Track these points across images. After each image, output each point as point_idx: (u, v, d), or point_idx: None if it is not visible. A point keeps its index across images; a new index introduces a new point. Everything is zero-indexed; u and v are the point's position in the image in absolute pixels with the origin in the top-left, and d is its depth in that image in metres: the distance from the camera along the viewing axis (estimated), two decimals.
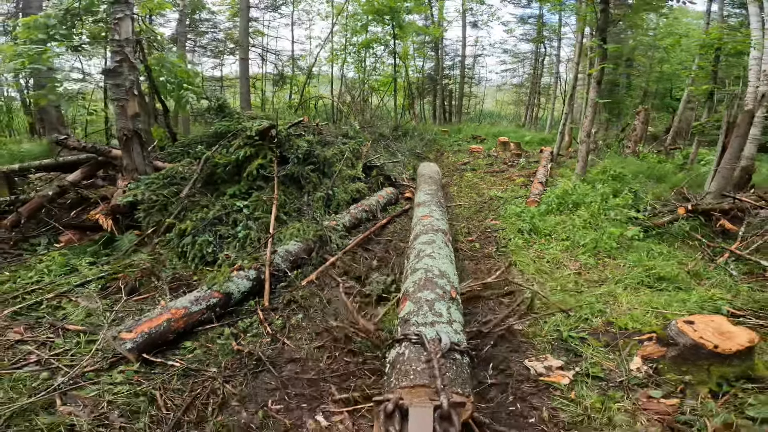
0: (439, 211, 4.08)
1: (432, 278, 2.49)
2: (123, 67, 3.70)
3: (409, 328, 2.04)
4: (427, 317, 2.11)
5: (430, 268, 2.61)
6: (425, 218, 3.70)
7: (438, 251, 2.92)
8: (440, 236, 3.26)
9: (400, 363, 1.82)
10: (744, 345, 1.78)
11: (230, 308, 2.63)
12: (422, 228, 3.45)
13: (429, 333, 1.94)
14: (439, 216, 3.87)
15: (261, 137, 4.13)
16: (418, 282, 2.47)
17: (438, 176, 6.25)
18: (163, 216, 3.53)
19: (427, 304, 2.21)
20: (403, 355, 1.85)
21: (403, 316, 2.22)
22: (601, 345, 2.23)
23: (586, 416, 1.80)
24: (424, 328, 1.99)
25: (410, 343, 1.89)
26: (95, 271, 3.18)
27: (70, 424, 1.77)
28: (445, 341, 1.84)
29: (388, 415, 1.41)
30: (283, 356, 2.30)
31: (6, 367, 2.11)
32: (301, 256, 3.23)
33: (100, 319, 2.62)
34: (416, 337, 1.89)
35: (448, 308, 2.22)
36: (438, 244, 3.05)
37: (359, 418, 1.89)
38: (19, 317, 2.64)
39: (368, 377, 2.14)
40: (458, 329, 2.09)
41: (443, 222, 3.77)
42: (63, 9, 5.28)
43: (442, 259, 2.82)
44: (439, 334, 1.91)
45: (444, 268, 2.67)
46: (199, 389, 2.02)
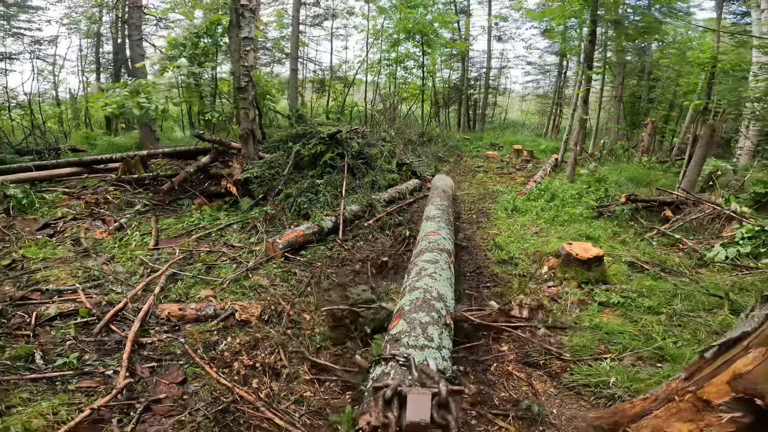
0: (448, 229, 4.10)
1: (429, 300, 2.50)
2: (248, 86, 5.73)
3: (399, 348, 2.06)
4: (418, 340, 2.12)
5: (429, 289, 2.62)
6: (432, 234, 3.73)
7: (440, 272, 2.94)
8: (444, 257, 3.27)
9: (405, 385, 1.77)
10: (593, 255, 3.49)
11: (322, 236, 4.55)
12: (427, 245, 3.47)
13: (418, 357, 1.94)
14: (446, 235, 3.88)
15: (330, 138, 6.07)
16: (415, 302, 2.49)
17: (451, 191, 6.21)
18: (269, 187, 5.50)
19: (420, 327, 2.22)
20: (388, 375, 1.85)
21: (394, 334, 2.23)
22: (530, 261, 3.99)
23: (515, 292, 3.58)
24: (413, 351, 2.01)
25: (397, 364, 1.89)
26: (232, 219, 5.17)
27: (259, 284, 3.63)
28: (432, 367, 1.82)
29: (386, 401, 1.42)
30: (352, 260, 4.17)
31: (213, 261, 4.04)
32: (358, 214, 5.14)
33: (247, 242, 4.58)
34: (404, 359, 1.89)
35: (440, 333, 2.22)
36: (441, 265, 3.07)
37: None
38: (199, 240, 4.62)
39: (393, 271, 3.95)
40: (446, 356, 2.12)
41: (449, 242, 3.79)
42: (193, 32, 7.42)
43: (442, 281, 2.83)
44: (427, 359, 1.92)
45: (443, 291, 2.68)
46: (313, 272, 3.91)
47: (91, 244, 4.23)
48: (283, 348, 2.59)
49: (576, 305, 3.13)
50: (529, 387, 2.41)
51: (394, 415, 1.39)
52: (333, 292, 3.41)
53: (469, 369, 2.57)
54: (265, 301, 3.05)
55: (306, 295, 3.41)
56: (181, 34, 7.45)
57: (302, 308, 3.18)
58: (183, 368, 2.44)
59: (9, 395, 2.09)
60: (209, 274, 3.69)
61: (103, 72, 20.36)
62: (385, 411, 1.40)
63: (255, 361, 2.43)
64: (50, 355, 2.48)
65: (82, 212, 5.35)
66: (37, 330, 2.71)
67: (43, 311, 2.83)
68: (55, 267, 3.63)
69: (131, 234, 4.59)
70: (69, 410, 2.04)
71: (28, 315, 2.81)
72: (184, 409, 2.16)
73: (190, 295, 3.24)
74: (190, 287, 3.36)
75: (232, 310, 2.85)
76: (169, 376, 2.40)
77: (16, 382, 2.20)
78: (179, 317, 2.82)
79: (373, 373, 1.97)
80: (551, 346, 2.63)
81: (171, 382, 2.34)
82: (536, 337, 2.74)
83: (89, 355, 2.49)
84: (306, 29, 20.04)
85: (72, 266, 3.65)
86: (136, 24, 11.31)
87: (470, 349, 2.74)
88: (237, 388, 2.29)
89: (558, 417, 2.19)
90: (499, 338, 2.84)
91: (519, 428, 2.10)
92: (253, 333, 2.71)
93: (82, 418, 1.96)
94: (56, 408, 2.03)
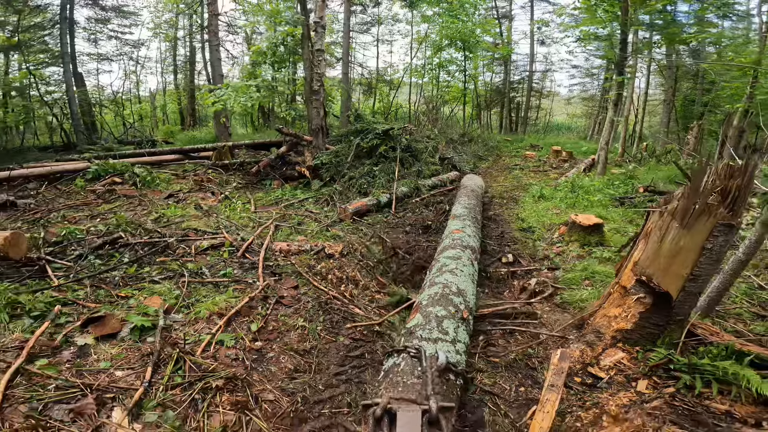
0: (473, 227, 4.16)
1: (448, 294, 2.55)
2: (320, 89, 7.07)
3: (412, 340, 2.10)
4: (432, 333, 2.15)
5: (448, 284, 2.68)
6: (456, 232, 3.81)
7: (462, 268, 2.98)
8: (467, 253, 3.30)
9: (393, 373, 1.89)
10: (594, 222, 4.43)
11: (380, 208, 5.78)
12: (451, 242, 3.54)
13: (429, 349, 1.96)
14: (471, 233, 3.94)
15: (384, 134, 7.29)
16: (433, 296, 2.54)
17: (480, 190, 6.31)
18: (335, 172, 6.80)
19: (435, 320, 2.25)
20: (398, 366, 1.89)
21: (410, 327, 2.28)
22: (545, 229, 4.98)
23: (532, 247, 4.59)
24: (426, 344, 2.04)
25: (408, 355, 1.92)
26: (307, 195, 6.51)
27: (337, 235, 4.90)
28: (441, 360, 1.84)
29: (377, 419, 1.40)
30: (403, 224, 5.34)
31: (301, 220, 5.37)
32: (407, 194, 6.32)
33: (321, 210, 5.88)
34: (415, 351, 1.92)
35: (456, 327, 2.24)
36: (463, 261, 3.11)
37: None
38: (286, 208, 5.98)
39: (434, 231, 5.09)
40: (461, 350, 2.13)
41: (474, 239, 3.84)
42: (273, 42, 8.96)
43: (463, 276, 2.86)
44: (437, 352, 1.94)
45: (463, 287, 2.72)
46: (374, 230, 5.11)
47: (208, 208, 5.70)
48: (359, 269, 3.81)
49: (575, 258, 4.11)
50: (530, 303, 3.46)
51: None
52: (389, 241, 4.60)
53: (489, 292, 3.65)
54: (344, 243, 4.29)
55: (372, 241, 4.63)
56: (264, 45, 9.00)
57: (368, 249, 4.39)
58: (295, 279, 3.71)
59: (195, 293, 3.41)
60: (299, 228, 5.01)
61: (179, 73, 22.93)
62: (375, 430, 1.37)
63: (342, 275, 3.66)
64: (211, 270, 3.82)
65: (192, 187, 6.92)
66: (196, 257, 4.08)
67: (199, 244, 4.21)
68: (192, 220, 5.08)
69: (235, 202, 6.03)
70: (233, 301, 3.33)
71: (188, 247, 4.20)
72: (299, 303, 3.40)
73: (290, 239, 4.54)
74: (288, 235, 4.67)
75: (322, 246, 4.10)
76: (287, 284, 3.66)
77: (195, 286, 3.53)
78: (287, 251, 4.11)
79: (385, 365, 2.02)
80: (549, 280, 3.65)
81: (289, 287, 3.61)
82: (540, 274, 3.77)
83: (236, 271, 3.81)
84: (354, 35, 21.53)
85: (203, 220, 5.09)
86: (214, 31, 13.10)
87: (493, 284, 3.82)
88: (331, 291, 3.52)
89: (548, 321, 3.23)
90: (514, 276, 3.90)
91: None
92: (338, 260, 3.94)
93: (243, 303, 3.21)
94: (226, 300, 3.31)
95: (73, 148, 12.58)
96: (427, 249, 4.14)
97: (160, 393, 2.22)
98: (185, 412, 2.15)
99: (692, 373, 2.33)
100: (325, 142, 7.42)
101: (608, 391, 2.43)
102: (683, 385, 2.31)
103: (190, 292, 3.24)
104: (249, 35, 19.45)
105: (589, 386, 2.49)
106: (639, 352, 2.52)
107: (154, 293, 3.13)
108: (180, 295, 3.13)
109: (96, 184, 6.90)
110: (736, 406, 2.19)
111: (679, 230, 2.04)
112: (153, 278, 3.43)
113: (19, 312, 2.84)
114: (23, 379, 2.19)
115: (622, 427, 2.17)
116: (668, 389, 2.33)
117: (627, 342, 2.52)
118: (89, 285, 3.25)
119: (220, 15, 14.16)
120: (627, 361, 2.54)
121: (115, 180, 6.98)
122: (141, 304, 2.94)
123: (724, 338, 2.57)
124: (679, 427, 2.06)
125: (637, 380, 2.43)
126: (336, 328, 3.04)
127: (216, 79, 13.12)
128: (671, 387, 2.34)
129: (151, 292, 3.16)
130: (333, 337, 2.93)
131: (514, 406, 2.38)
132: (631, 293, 2.48)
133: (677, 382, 2.35)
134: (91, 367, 2.37)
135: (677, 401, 2.25)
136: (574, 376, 2.55)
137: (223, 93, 7.00)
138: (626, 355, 2.54)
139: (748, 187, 1.89)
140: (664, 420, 2.14)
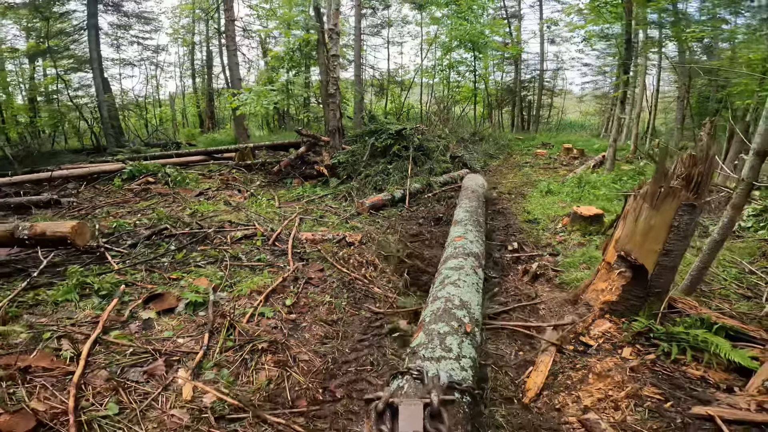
0: (475, 231, 4.13)
1: (450, 309, 2.53)
2: (336, 92, 7.53)
3: (416, 360, 2.10)
4: (435, 351, 2.14)
5: (450, 298, 2.67)
6: (458, 239, 3.78)
7: (464, 278, 2.96)
8: (470, 261, 3.27)
9: (397, 396, 1.83)
10: (594, 213, 4.76)
11: (394, 203, 6.20)
12: (453, 251, 3.51)
13: (432, 369, 1.98)
14: (473, 238, 3.91)
15: (397, 134, 7.70)
16: (436, 312, 2.53)
17: (482, 190, 6.23)
18: (351, 170, 7.24)
19: (438, 338, 2.25)
20: (402, 389, 1.90)
21: (413, 346, 2.27)
22: (549, 220, 5.32)
23: (536, 236, 4.96)
24: (429, 363, 2.04)
25: (411, 377, 1.93)
26: (326, 192, 6.97)
27: (356, 226, 5.34)
28: (443, 379, 1.86)
29: (379, 413, 1.43)
30: (416, 217, 5.75)
31: (322, 214, 5.82)
32: (420, 190, 6.72)
33: (340, 205, 6.33)
34: (417, 372, 1.94)
35: (459, 343, 2.23)
36: (466, 271, 3.09)
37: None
38: (307, 203, 6.45)
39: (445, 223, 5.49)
40: (467, 365, 2.11)
41: (477, 244, 3.82)
42: (290, 48, 9.47)
43: (466, 287, 2.84)
44: (438, 372, 1.95)
45: (466, 298, 2.70)
46: (390, 222, 5.54)
47: (236, 204, 6.19)
48: (377, 255, 4.24)
49: (576, 246, 4.46)
50: (533, 286, 3.84)
51: (387, 427, 1.39)
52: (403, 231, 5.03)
53: (496, 275, 4.04)
54: (362, 233, 4.72)
55: (386, 233, 5.06)
56: (282, 50, 9.52)
57: (384, 239, 4.82)
58: (321, 264, 4.15)
59: (235, 275, 3.86)
60: (321, 220, 5.46)
61: (197, 76, 23.72)
62: (378, 424, 1.39)
63: (362, 260, 4.09)
64: (247, 256, 4.28)
65: (220, 186, 7.44)
66: (232, 245, 4.56)
67: (234, 235, 4.69)
68: (224, 214, 5.57)
69: (260, 199, 6.53)
70: (268, 281, 3.78)
71: (224, 237, 4.69)
72: (325, 283, 3.85)
73: (314, 229, 5.00)
74: (312, 226, 5.13)
75: (343, 236, 4.54)
76: (314, 267, 4.11)
77: (235, 269, 4.00)
78: (312, 239, 4.56)
79: (391, 387, 2.01)
80: (549, 264, 4.02)
81: (315, 270, 4.05)
82: (542, 260, 4.14)
83: (269, 256, 4.27)
84: (365, 38, 21.96)
85: (233, 214, 5.58)
86: (231, 36, 13.67)
87: (498, 269, 4.20)
88: (353, 273, 3.95)
89: (547, 299, 3.60)
90: (518, 261, 4.27)
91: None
92: (358, 247, 4.38)
93: (277, 283, 3.66)
94: (262, 280, 3.76)
95: (103, 151, 13.33)
96: (438, 236, 4.55)
97: (216, 355, 2.68)
98: (237, 370, 2.60)
99: (669, 341, 2.68)
100: (342, 143, 7.88)
101: (596, 356, 2.80)
102: (662, 351, 2.67)
103: (231, 274, 3.71)
104: (263, 39, 20.07)
105: (580, 353, 2.86)
106: (624, 322, 2.89)
107: (201, 275, 3.61)
108: (223, 277, 3.61)
109: (132, 184, 7.48)
110: (710, 372, 2.53)
111: (650, 211, 2.40)
112: (197, 263, 3.92)
113: (88, 292, 3.34)
114: (101, 348, 2.67)
115: (604, 382, 2.54)
116: (649, 356, 2.69)
117: (614, 313, 2.88)
118: (144, 269, 3.75)
119: (235, 20, 14.73)
120: (614, 331, 2.90)
121: (149, 179, 7.55)
122: (191, 284, 3.42)
123: (702, 312, 2.92)
124: (657, 389, 2.42)
125: (622, 347, 2.79)
126: (358, 303, 3.48)
127: (234, 82, 13.72)
128: (652, 354, 2.70)
129: (198, 274, 3.64)
130: (356, 311, 3.36)
131: (514, 367, 2.76)
132: (615, 268, 2.85)
133: (657, 349, 2.70)
134: (156, 337, 2.85)
135: (657, 366, 2.60)
136: (567, 344, 2.93)
137: (246, 97, 7.51)
138: (613, 326, 2.91)
139: (709, 172, 2.24)
140: (645, 382, 2.50)
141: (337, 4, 7.61)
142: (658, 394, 2.37)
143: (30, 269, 3.68)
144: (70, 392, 2.24)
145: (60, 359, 2.54)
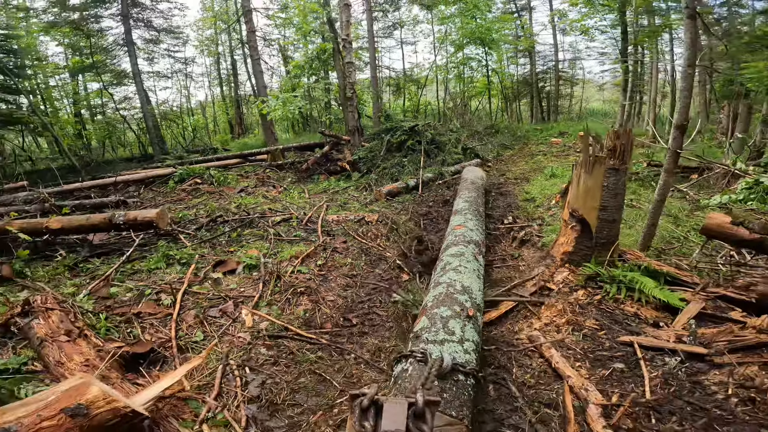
0: (475, 220, 4.20)
1: (452, 294, 2.55)
2: (353, 96, 8.48)
3: (419, 344, 2.13)
4: (438, 335, 2.17)
5: (452, 283, 2.69)
6: (458, 228, 3.84)
7: (465, 264, 2.99)
8: (471, 248, 3.32)
9: (402, 379, 1.95)
10: None
11: (408, 191, 7.09)
12: (453, 239, 3.56)
13: (435, 352, 2.00)
14: (473, 226, 3.97)
15: (410, 130, 8.58)
16: (438, 297, 2.55)
17: (481, 182, 6.27)
18: (371, 165, 8.18)
19: (441, 321, 2.27)
20: (407, 371, 1.95)
21: (416, 331, 2.31)
22: (545, 198, 6.06)
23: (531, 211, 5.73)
24: (432, 346, 2.07)
25: (415, 360, 1.98)
26: (348, 184, 7.94)
27: (374, 209, 6.27)
28: (446, 362, 1.88)
29: (363, 410, 1.45)
30: (427, 201, 6.61)
31: (345, 201, 6.79)
32: (432, 179, 7.58)
33: (361, 195, 7.28)
34: (421, 355, 1.98)
35: (462, 326, 2.26)
36: (467, 257, 3.12)
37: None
38: (333, 195, 7.43)
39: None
40: (470, 348, 2.13)
41: (477, 232, 3.87)
42: (309, 57, 10.52)
43: (468, 273, 2.87)
44: (441, 354, 1.97)
45: (468, 283, 2.72)
46: (404, 206, 6.43)
47: (273, 197, 7.26)
48: (390, 230, 5.16)
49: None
50: (519, 249, 4.64)
51: (371, 424, 1.41)
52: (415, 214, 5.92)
53: (491, 244, 4.86)
54: (379, 214, 5.65)
55: (399, 213, 5.98)
56: (302, 59, 10.58)
57: (399, 218, 5.74)
58: (344, 237, 5.10)
59: (278, 247, 4.87)
60: (345, 206, 6.44)
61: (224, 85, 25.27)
62: (362, 420, 1.42)
63: (378, 233, 5.01)
64: (286, 233, 5.28)
65: (257, 183, 8.56)
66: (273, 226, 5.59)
67: (274, 219, 5.72)
68: (264, 205, 6.64)
69: (292, 192, 7.58)
70: (303, 249, 4.76)
71: (266, 221, 5.72)
72: (347, 250, 4.79)
73: (338, 213, 5.98)
74: (337, 211, 6.11)
75: (363, 216, 5.48)
76: (338, 240, 5.06)
77: (277, 242, 5.02)
78: (337, 220, 5.53)
79: (395, 371, 2.04)
80: (534, 231, 4.80)
81: (340, 242, 5.01)
82: (532, 228, 4.93)
83: (302, 233, 5.26)
84: (378, 39, 22.79)
85: (272, 204, 6.64)
86: (254, 46, 14.80)
87: (494, 238, 5.03)
88: (369, 242, 4.88)
89: (527, 257, 4.40)
90: (510, 232, 5.08)
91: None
92: (374, 225, 5.31)
93: (310, 250, 4.64)
94: (298, 249, 4.74)
95: (151, 159, 14.88)
96: (444, 214, 5.41)
97: (267, 297, 3.67)
98: (282, 306, 3.58)
99: (612, 284, 3.43)
100: (361, 140, 8.82)
101: (555, 297, 3.59)
102: (605, 292, 3.41)
103: (274, 246, 4.73)
104: (282, 47, 21.23)
105: (544, 296, 3.65)
106: (580, 271, 3.66)
107: (252, 248, 4.64)
108: (269, 248, 4.63)
109: (183, 185, 8.71)
110: (642, 309, 3.24)
111: (586, 175, 3.18)
112: (248, 240, 4.96)
113: (171, 261, 4.42)
114: (188, 297, 3.70)
115: (551, 310, 3.33)
116: (596, 296, 3.42)
117: (571, 263, 3.66)
118: (208, 246, 4.82)
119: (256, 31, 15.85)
120: (571, 277, 3.68)
121: (197, 181, 8.77)
122: (246, 254, 4.45)
123: (643, 260, 3.65)
124: (597, 321, 3.16)
125: (576, 290, 3.55)
126: (373, 264, 4.41)
127: (260, 90, 14.90)
128: (599, 295, 3.45)
129: (249, 247, 4.68)
130: (371, 269, 4.29)
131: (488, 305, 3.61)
132: (569, 223, 3.62)
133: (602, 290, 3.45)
134: (225, 288, 3.87)
135: (603, 305, 3.35)
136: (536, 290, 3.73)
137: (274, 103, 8.58)
138: (570, 273, 3.69)
139: (629, 144, 3.00)
140: (588, 316, 3.27)
141: (347, 16, 8.55)
142: (597, 325, 3.08)
143: (124, 249, 4.82)
144: (170, 327, 3.26)
145: (161, 306, 3.58)
